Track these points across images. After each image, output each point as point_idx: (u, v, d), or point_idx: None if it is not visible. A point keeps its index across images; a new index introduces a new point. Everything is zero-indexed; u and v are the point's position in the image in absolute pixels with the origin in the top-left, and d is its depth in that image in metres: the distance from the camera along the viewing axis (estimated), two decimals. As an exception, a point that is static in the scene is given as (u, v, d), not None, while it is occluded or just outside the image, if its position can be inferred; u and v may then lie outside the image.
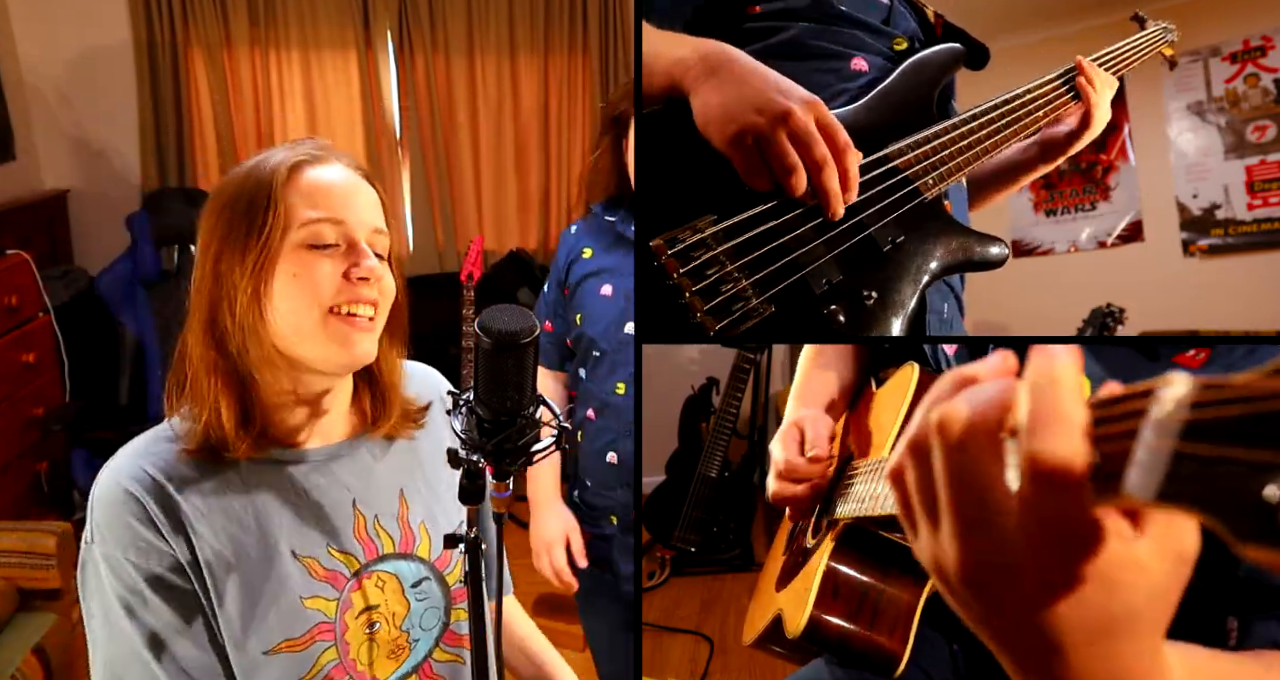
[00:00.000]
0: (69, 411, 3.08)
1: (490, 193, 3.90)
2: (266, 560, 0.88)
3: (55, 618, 2.21)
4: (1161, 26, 1.21)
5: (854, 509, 0.95)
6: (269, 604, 0.87)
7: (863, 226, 0.89)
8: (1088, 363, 0.84)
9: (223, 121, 3.68)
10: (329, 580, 0.91)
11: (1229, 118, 2.20)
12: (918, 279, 0.90)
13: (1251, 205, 2.17)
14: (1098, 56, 1.14)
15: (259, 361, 0.88)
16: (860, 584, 0.99)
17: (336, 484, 0.94)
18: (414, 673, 0.96)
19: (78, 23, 3.59)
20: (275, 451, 0.92)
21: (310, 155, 0.90)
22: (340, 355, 0.88)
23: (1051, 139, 1.11)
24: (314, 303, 0.86)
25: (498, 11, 3.69)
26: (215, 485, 0.88)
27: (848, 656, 1.01)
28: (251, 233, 0.86)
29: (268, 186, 0.87)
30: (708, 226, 0.85)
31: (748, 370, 2.70)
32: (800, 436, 1.09)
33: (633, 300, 1.60)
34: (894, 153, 0.93)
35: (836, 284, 0.86)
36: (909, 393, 1.01)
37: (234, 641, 0.86)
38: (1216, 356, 0.77)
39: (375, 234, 0.91)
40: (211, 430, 0.87)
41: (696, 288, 0.83)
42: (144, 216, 3.27)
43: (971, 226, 0.96)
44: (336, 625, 0.90)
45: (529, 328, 0.75)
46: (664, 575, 2.70)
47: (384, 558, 0.94)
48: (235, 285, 0.86)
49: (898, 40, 1.05)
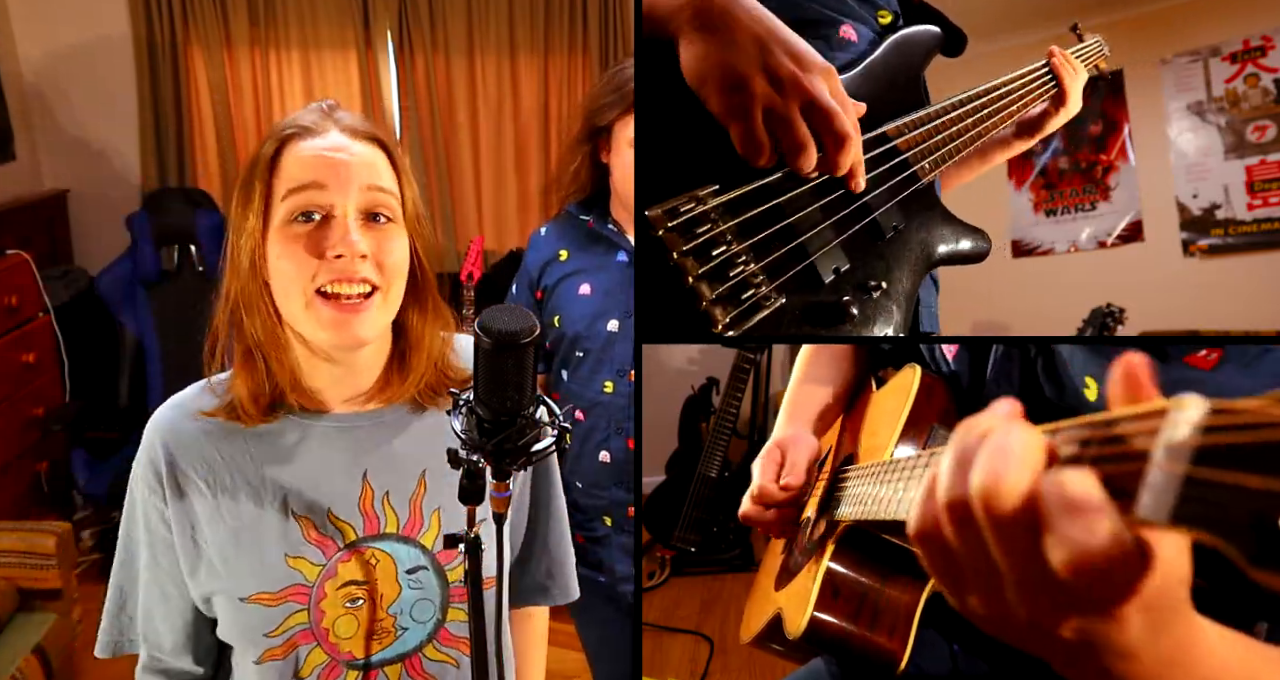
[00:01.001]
0: (69, 411, 3.08)
1: (490, 193, 3.90)
2: (261, 512, 0.91)
3: (55, 618, 2.20)
4: (1096, 40, 1.24)
5: (855, 511, 0.94)
6: (254, 554, 0.90)
7: (868, 209, 0.83)
8: (1093, 364, 0.84)
9: (223, 121, 3.68)
10: (319, 544, 0.92)
11: (1229, 118, 2.20)
12: (916, 269, 0.86)
13: (1251, 205, 2.17)
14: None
15: (266, 336, 0.90)
16: (860, 585, 0.99)
17: (350, 451, 0.94)
18: (399, 662, 0.94)
19: (78, 22, 3.59)
20: (297, 412, 0.94)
21: (300, 128, 0.89)
22: (334, 338, 0.87)
23: (1026, 119, 1.15)
24: (296, 288, 0.86)
25: (498, 11, 3.69)
26: (232, 438, 0.93)
27: (848, 657, 1.01)
28: (246, 213, 0.88)
29: (255, 165, 0.89)
30: (710, 198, 0.75)
31: (748, 370, 2.70)
32: (779, 459, 1.06)
33: (613, 296, 1.59)
34: (893, 131, 0.88)
35: (844, 273, 0.80)
36: (911, 395, 1.01)
37: (216, 586, 0.92)
38: (1229, 357, 0.75)
39: (372, 192, 0.87)
40: (233, 394, 0.93)
41: (703, 270, 0.74)
42: (144, 216, 3.26)
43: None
44: (314, 591, 0.91)
45: (529, 328, 0.75)
46: (664, 575, 2.70)
47: (383, 536, 0.94)
48: (239, 262, 0.89)
49: (882, 12, 1.00)
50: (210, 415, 0.93)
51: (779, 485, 1.04)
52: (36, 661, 2.08)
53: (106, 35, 3.60)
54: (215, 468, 0.92)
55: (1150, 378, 0.40)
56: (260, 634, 0.91)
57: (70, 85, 3.65)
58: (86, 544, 3.10)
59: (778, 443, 1.08)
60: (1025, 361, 0.91)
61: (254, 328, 0.90)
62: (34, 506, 3.08)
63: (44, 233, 3.54)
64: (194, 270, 3.33)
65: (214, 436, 0.93)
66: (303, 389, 0.94)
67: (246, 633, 0.92)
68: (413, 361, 0.96)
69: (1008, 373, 0.94)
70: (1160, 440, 0.34)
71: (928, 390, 1.01)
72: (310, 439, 0.94)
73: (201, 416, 0.93)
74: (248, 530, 0.91)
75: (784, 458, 1.06)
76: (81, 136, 3.70)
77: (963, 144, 0.95)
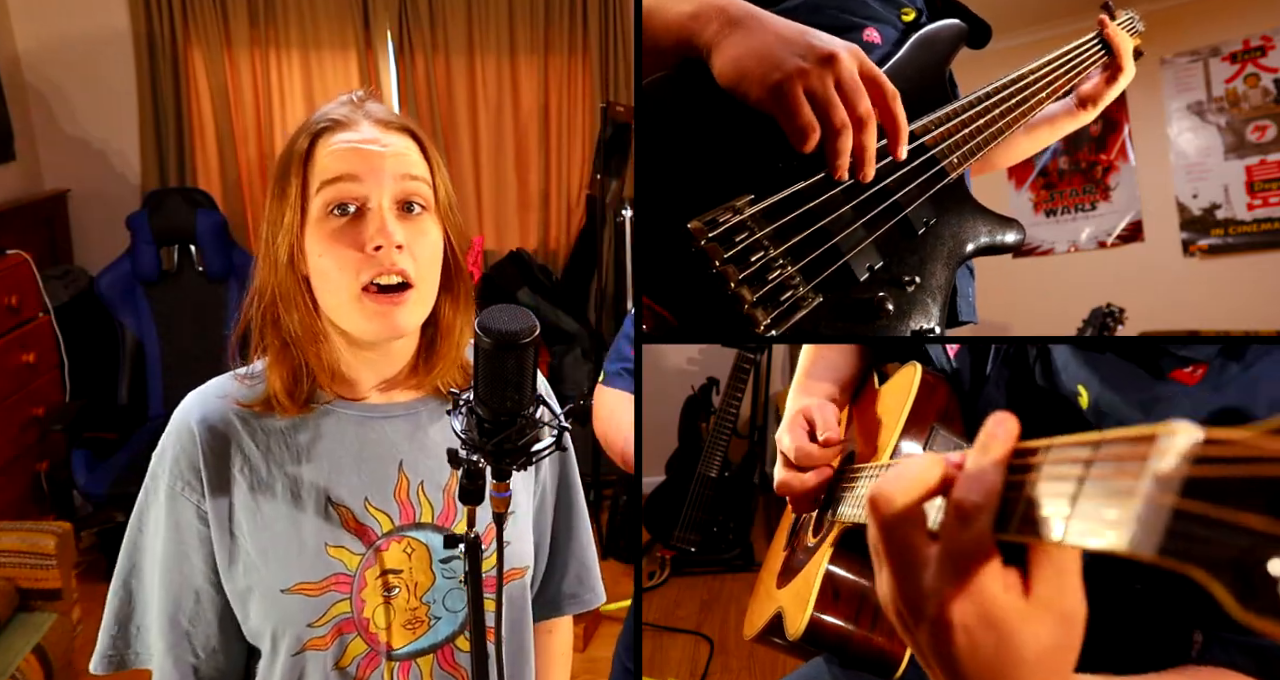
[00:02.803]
0: (69, 411, 3.07)
1: (490, 193, 3.90)
2: (300, 502, 0.91)
3: (55, 618, 2.20)
4: (1130, 16, 1.23)
5: (855, 513, 0.94)
6: (294, 543, 0.90)
7: (898, 208, 0.85)
8: (1085, 371, 0.84)
9: (223, 121, 3.68)
10: (359, 533, 0.92)
11: (1229, 118, 2.20)
12: (950, 263, 0.88)
13: (1251, 205, 2.17)
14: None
15: (304, 329, 0.91)
16: (861, 586, 0.99)
17: (387, 441, 0.95)
18: (432, 652, 0.94)
19: (78, 23, 3.59)
20: (334, 402, 0.94)
21: (332, 121, 0.90)
22: (381, 330, 0.89)
23: (1086, 91, 1.15)
24: (340, 286, 0.87)
25: (498, 12, 3.69)
26: (269, 428, 0.93)
27: (848, 657, 1.01)
28: (282, 208, 0.89)
29: (289, 160, 0.89)
30: (746, 207, 0.78)
31: (748, 370, 2.70)
32: (809, 425, 1.03)
33: None
34: (919, 129, 0.89)
35: (877, 270, 0.82)
36: (911, 394, 1.01)
37: (254, 577, 0.91)
38: (1211, 373, 0.75)
39: (406, 180, 0.89)
40: (268, 386, 0.93)
41: (743, 275, 0.77)
42: (144, 216, 3.26)
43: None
44: (355, 580, 0.91)
45: (529, 328, 0.75)
46: (664, 575, 2.70)
47: (419, 525, 0.94)
48: (277, 257, 0.90)
49: (905, 10, 1.01)
50: (247, 406, 0.93)
51: (818, 442, 1.00)
52: (36, 661, 2.08)
53: (107, 35, 3.60)
54: (252, 458, 0.92)
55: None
56: (304, 624, 0.90)
57: (70, 85, 3.65)
58: (86, 544, 3.10)
59: (800, 410, 1.04)
60: (1024, 363, 0.91)
61: (291, 322, 0.91)
62: (34, 506, 3.08)
63: (44, 233, 3.54)
64: (194, 270, 3.33)
65: (250, 427, 0.93)
66: (340, 378, 0.94)
67: (288, 624, 0.91)
68: (441, 349, 0.96)
69: (1007, 374, 0.94)
70: (1148, 469, 0.33)
71: (929, 389, 1.01)
72: (346, 428, 0.94)
73: (238, 406, 0.93)
74: (287, 520, 0.91)
75: (809, 423, 1.03)
76: (81, 136, 3.70)
77: (992, 135, 0.95)
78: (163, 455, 0.94)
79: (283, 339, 0.92)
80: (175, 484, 0.92)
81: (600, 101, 3.58)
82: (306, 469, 0.92)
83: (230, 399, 0.93)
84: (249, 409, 0.93)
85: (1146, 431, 0.34)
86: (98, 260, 3.46)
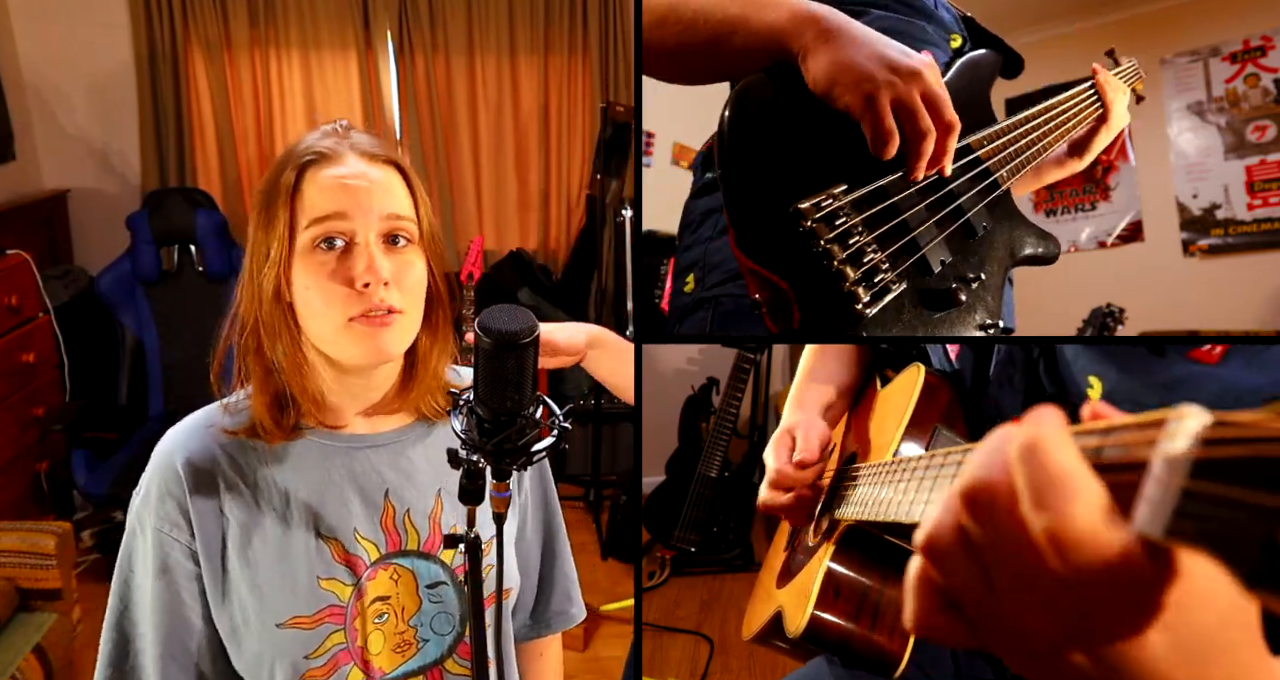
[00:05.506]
0: (69, 411, 3.07)
1: (490, 193, 3.90)
2: (290, 535, 0.91)
3: (55, 618, 2.21)
4: (1133, 63, 1.28)
5: (856, 512, 0.94)
6: (287, 578, 0.90)
7: (962, 211, 0.90)
8: (1097, 363, 0.84)
9: (223, 121, 3.68)
10: (348, 564, 0.92)
11: (1229, 118, 2.21)
12: (1004, 266, 0.94)
13: (1251, 205, 2.17)
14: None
15: (288, 359, 0.91)
16: (861, 585, 0.99)
17: (373, 471, 0.95)
18: (422, 674, 0.96)
19: (78, 23, 3.59)
20: (319, 432, 0.95)
21: (317, 154, 0.90)
22: (368, 354, 0.89)
23: (1077, 140, 1.20)
24: (327, 319, 0.88)
25: (498, 12, 3.69)
26: (255, 460, 0.92)
27: (848, 657, 1.01)
28: (269, 240, 0.89)
29: (276, 193, 0.89)
30: (842, 195, 0.84)
31: (748, 370, 2.70)
32: (792, 443, 1.06)
33: None
34: (975, 143, 0.95)
35: (947, 265, 0.88)
36: (914, 394, 1.01)
37: (248, 613, 0.90)
38: (1235, 352, 0.75)
39: (392, 220, 0.89)
40: (252, 414, 0.92)
41: (844, 254, 0.82)
42: (144, 216, 3.26)
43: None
44: (348, 610, 0.92)
45: (529, 328, 0.75)
46: (664, 575, 2.70)
47: (405, 553, 0.95)
48: (262, 288, 0.89)
49: (954, 36, 1.07)
50: (233, 434, 0.92)
51: (793, 464, 1.04)
52: (36, 661, 2.08)
53: (107, 35, 3.60)
54: (241, 494, 0.91)
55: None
56: (300, 656, 0.90)
57: (70, 85, 3.65)
58: (86, 544, 3.10)
59: (787, 428, 1.09)
60: (1028, 361, 0.91)
61: (275, 352, 0.91)
62: (34, 506, 3.08)
63: (44, 233, 3.54)
64: (194, 270, 3.33)
65: (235, 463, 0.92)
66: (324, 406, 0.95)
67: (283, 657, 0.90)
68: (419, 374, 0.97)
69: (1010, 373, 0.95)
70: (1158, 452, 0.33)
71: (931, 390, 1.01)
72: (334, 459, 0.94)
73: (223, 435, 0.93)
74: (277, 554, 0.90)
75: (794, 441, 1.06)
76: (81, 136, 3.70)
77: (1035, 153, 1.02)
78: (147, 496, 0.92)
79: (265, 367, 0.92)
80: (162, 525, 0.91)
81: (600, 101, 3.58)
82: (295, 502, 0.92)
83: (217, 428, 0.93)
84: (235, 436, 0.92)
85: (1156, 417, 0.34)
86: (98, 260, 3.46)
